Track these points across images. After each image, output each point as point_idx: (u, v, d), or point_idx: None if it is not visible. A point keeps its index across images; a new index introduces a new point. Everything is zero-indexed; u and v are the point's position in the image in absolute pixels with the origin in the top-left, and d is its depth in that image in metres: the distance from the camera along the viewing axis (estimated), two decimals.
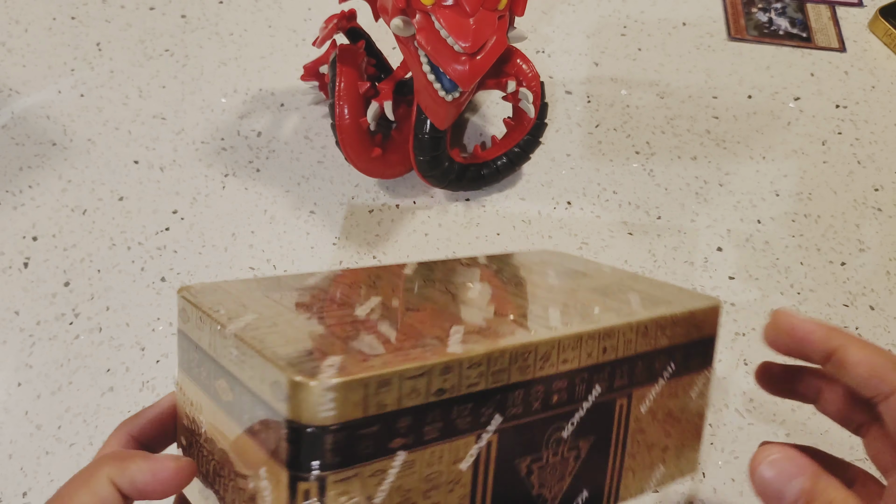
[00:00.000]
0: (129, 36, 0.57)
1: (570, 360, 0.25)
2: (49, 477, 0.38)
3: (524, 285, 0.30)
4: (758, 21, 0.62)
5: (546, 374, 0.24)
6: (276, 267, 0.46)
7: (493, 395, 0.23)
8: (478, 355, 0.22)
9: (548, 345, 0.24)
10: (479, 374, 0.22)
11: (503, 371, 0.23)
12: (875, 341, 0.45)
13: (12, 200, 0.48)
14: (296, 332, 0.23)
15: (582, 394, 0.25)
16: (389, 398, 0.20)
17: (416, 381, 0.21)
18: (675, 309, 0.28)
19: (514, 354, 0.23)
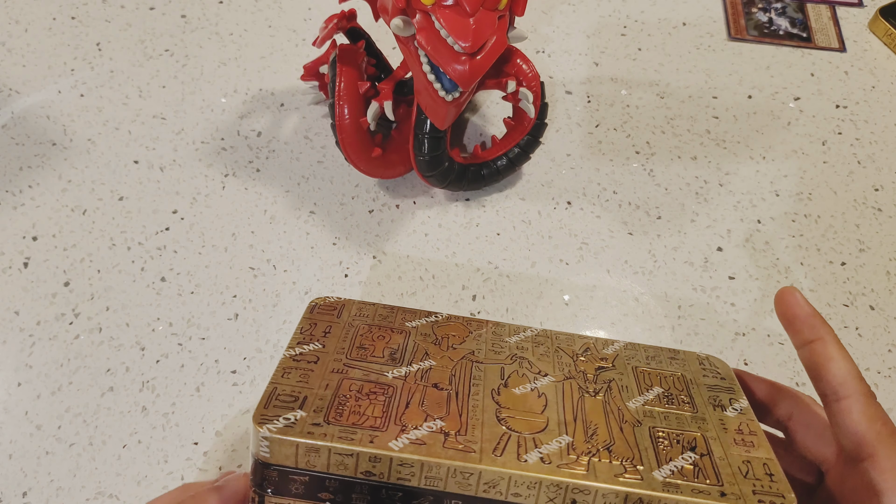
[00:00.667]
0: (129, 36, 0.57)
1: (522, 497, 0.25)
2: (49, 477, 0.38)
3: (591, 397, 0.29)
4: (758, 21, 0.62)
5: (491, 497, 0.25)
6: (276, 267, 0.46)
7: (425, 493, 0.25)
8: (410, 459, 0.24)
9: (494, 475, 0.24)
10: (409, 473, 0.25)
11: (439, 479, 0.25)
12: (875, 341, 0.45)
13: (12, 200, 0.48)
14: (319, 374, 0.28)
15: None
16: (318, 463, 0.25)
17: (345, 459, 0.24)
18: (698, 498, 0.24)
19: (452, 470, 0.24)
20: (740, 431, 0.28)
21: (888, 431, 0.26)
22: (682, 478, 0.25)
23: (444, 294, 0.45)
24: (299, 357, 0.29)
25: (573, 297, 0.46)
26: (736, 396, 0.30)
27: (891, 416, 0.42)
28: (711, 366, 0.33)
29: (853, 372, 0.27)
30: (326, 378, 0.28)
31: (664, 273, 0.47)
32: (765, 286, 0.47)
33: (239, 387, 0.42)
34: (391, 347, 0.30)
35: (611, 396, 0.29)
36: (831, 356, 0.27)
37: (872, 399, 0.27)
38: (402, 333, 0.32)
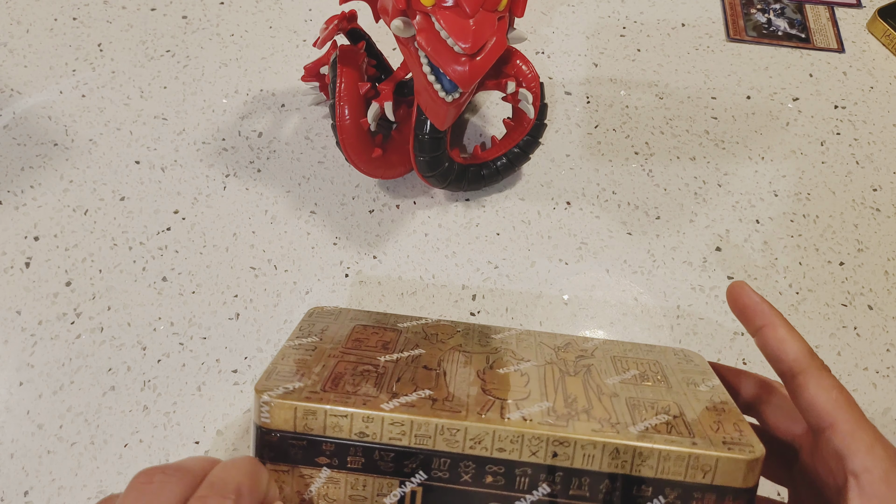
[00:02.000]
0: (131, 37, 0.57)
1: (507, 451, 0.26)
2: (50, 476, 0.39)
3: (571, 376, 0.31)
4: (756, 22, 0.62)
5: (477, 454, 0.26)
6: (277, 267, 0.46)
7: (415, 453, 0.26)
8: (400, 418, 0.26)
9: (479, 430, 0.26)
10: (400, 433, 0.26)
11: (427, 437, 0.26)
12: (873, 341, 0.45)
13: (14, 200, 0.48)
14: (316, 357, 0.30)
15: (523, 486, 0.26)
16: (315, 426, 0.26)
17: (340, 420, 0.26)
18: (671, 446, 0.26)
19: (440, 427, 0.26)
20: (712, 401, 0.30)
21: (844, 399, 0.27)
22: (656, 432, 0.27)
23: (444, 294, 0.46)
24: (298, 346, 0.31)
25: (572, 297, 0.46)
26: (708, 377, 0.32)
27: (889, 416, 0.42)
28: (685, 356, 0.34)
29: (805, 349, 0.28)
30: (323, 361, 0.30)
31: (663, 273, 0.47)
32: (763, 286, 0.47)
33: (240, 386, 0.42)
34: (384, 340, 0.32)
35: (590, 376, 0.31)
36: (783, 338, 0.29)
37: (826, 371, 0.28)
38: (395, 331, 0.33)
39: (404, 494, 0.27)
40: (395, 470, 0.27)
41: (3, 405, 0.41)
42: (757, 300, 0.30)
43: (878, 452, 0.25)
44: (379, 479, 0.27)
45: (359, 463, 0.27)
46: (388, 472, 0.27)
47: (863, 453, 0.25)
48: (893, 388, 0.43)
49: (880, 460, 0.25)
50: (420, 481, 0.27)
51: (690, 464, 0.26)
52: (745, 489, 0.26)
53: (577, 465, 0.26)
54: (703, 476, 0.26)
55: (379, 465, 0.27)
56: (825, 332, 0.45)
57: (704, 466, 0.26)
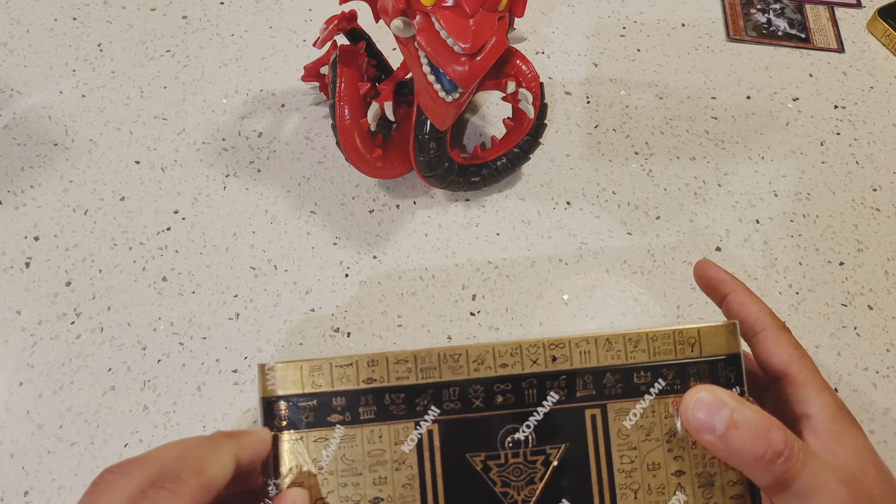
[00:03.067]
0: (131, 37, 0.57)
1: (510, 365, 0.27)
2: (50, 476, 0.39)
3: None
4: (756, 22, 0.62)
5: (483, 375, 0.27)
6: (277, 267, 0.46)
7: (424, 388, 0.27)
8: (403, 353, 0.27)
9: (480, 350, 0.27)
10: (406, 370, 0.27)
11: (433, 369, 0.27)
12: (873, 341, 0.45)
13: (14, 200, 0.48)
14: None
15: (533, 399, 0.27)
16: (323, 381, 0.27)
17: (346, 370, 0.27)
18: (656, 328, 0.28)
19: (442, 355, 0.27)
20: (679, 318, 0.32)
21: (798, 354, 0.29)
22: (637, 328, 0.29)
23: (443, 294, 0.46)
24: None
25: (572, 297, 0.46)
26: None
27: (889, 416, 0.42)
28: None
29: (765, 310, 0.31)
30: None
31: (663, 273, 0.47)
32: (763, 286, 0.47)
33: (240, 386, 0.42)
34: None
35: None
36: (744, 301, 0.31)
37: (784, 330, 0.30)
38: None
39: (421, 436, 0.27)
40: (408, 411, 0.27)
41: (3, 405, 0.41)
42: (721, 273, 0.33)
43: (825, 398, 0.28)
44: (394, 424, 0.27)
45: (371, 412, 0.27)
46: (401, 416, 0.27)
47: (812, 398, 0.28)
48: (893, 388, 0.43)
49: (828, 404, 0.28)
50: (434, 417, 0.27)
51: (677, 339, 0.28)
52: (731, 355, 0.28)
53: (576, 364, 0.27)
54: (692, 349, 0.28)
55: (391, 409, 0.27)
56: (825, 332, 0.45)
57: (689, 339, 0.28)
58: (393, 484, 0.27)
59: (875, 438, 0.41)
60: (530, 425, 0.27)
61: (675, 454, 0.27)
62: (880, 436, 0.42)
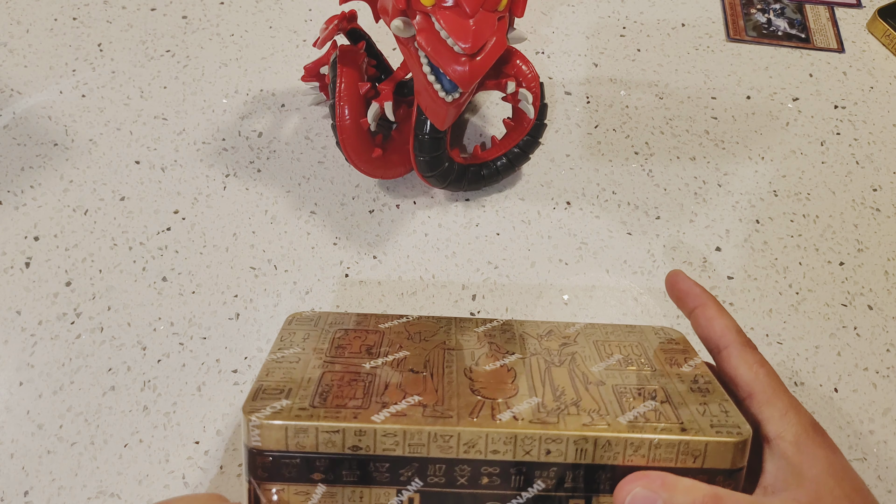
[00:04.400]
0: (131, 37, 0.57)
1: (500, 453, 0.26)
2: (50, 476, 0.39)
3: (557, 367, 0.31)
4: (756, 22, 0.62)
5: (471, 457, 0.26)
6: (277, 267, 0.46)
7: (410, 461, 0.26)
8: (393, 429, 0.26)
9: (472, 435, 0.26)
10: (394, 443, 0.26)
11: (421, 445, 0.26)
12: (873, 341, 0.45)
13: (14, 200, 0.48)
14: (301, 370, 0.29)
15: (519, 484, 0.27)
16: (307, 443, 0.26)
17: (332, 436, 0.26)
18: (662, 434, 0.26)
19: (433, 435, 0.26)
20: (696, 382, 0.30)
21: (764, 372, 0.29)
22: (644, 420, 0.27)
23: (443, 294, 0.46)
24: (281, 359, 0.31)
25: (572, 297, 0.46)
26: (690, 355, 0.33)
27: (889, 416, 0.42)
28: (666, 334, 0.35)
29: (732, 326, 0.30)
30: (309, 373, 0.29)
31: (663, 273, 0.47)
32: (763, 286, 0.47)
33: (240, 386, 0.42)
34: (367, 344, 0.32)
35: (575, 365, 0.31)
36: (711, 316, 0.31)
37: (749, 347, 0.30)
38: (377, 333, 0.33)
39: (402, 502, 0.27)
40: (392, 479, 0.27)
41: (3, 405, 0.41)
42: (691, 285, 0.32)
43: (790, 419, 0.27)
44: (376, 489, 0.27)
45: (354, 476, 0.27)
46: (384, 482, 0.27)
47: (776, 420, 0.27)
48: (893, 388, 0.43)
49: (792, 426, 0.27)
50: (417, 488, 0.27)
51: (681, 450, 0.26)
52: (734, 470, 0.27)
53: (570, 459, 0.26)
54: (694, 461, 0.26)
55: (374, 475, 0.27)
56: (825, 332, 0.45)
57: (694, 451, 0.26)
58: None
59: (875, 438, 0.41)
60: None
61: None
62: (880, 436, 0.42)
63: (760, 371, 0.29)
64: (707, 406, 0.28)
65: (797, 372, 0.44)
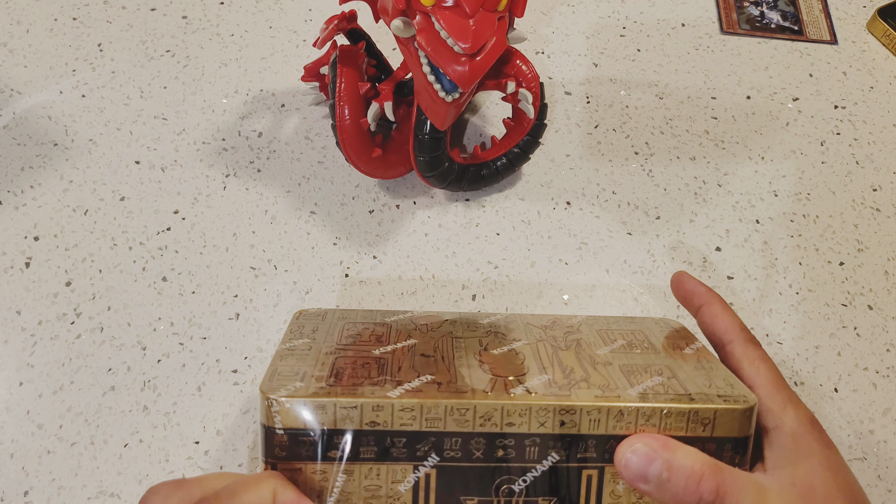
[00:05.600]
0: (131, 37, 0.57)
1: (516, 425, 0.27)
2: (50, 476, 0.39)
3: (563, 350, 0.32)
4: (749, 15, 0.62)
5: (487, 430, 0.27)
6: (277, 267, 0.46)
7: (427, 436, 0.27)
8: (409, 403, 0.26)
9: (488, 408, 0.27)
10: (411, 418, 0.27)
11: (437, 420, 0.27)
12: (873, 341, 0.45)
13: (14, 200, 0.48)
14: (314, 356, 0.30)
15: (534, 456, 0.27)
16: (326, 420, 0.26)
17: (350, 412, 0.26)
18: (671, 403, 0.27)
19: (450, 409, 0.27)
20: (699, 361, 0.31)
21: (766, 367, 0.30)
22: (654, 392, 0.28)
23: (444, 294, 0.46)
24: (293, 348, 0.31)
25: (572, 297, 0.46)
26: (691, 341, 0.33)
27: (889, 416, 0.42)
28: (666, 324, 0.36)
29: (736, 323, 0.31)
30: (321, 359, 0.30)
31: (663, 273, 0.47)
32: (763, 286, 0.47)
33: (240, 386, 0.42)
34: (376, 335, 0.33)
35: (581, 349, 0.32)
36: (716, 313, 0.32)
37: (752, 343, 0.31)
38: (384, 325, 0.34)
39: (418, 479, 0.27)
40: (408, 455, 0.27)
41: (3, 405, 0.41)
42: (696, 284, 0.33)
43: (789, 412, 0.28)
44: (392, 465, 0.27)
45: (372, 452, 0.27)
46: (401, 458, 0.27)
47: (775, 413, 0.28)
48: (893, 388, 0.43)
49: (790, 419, 0.28)
50: (433, 463, 0.27)
51: (691, 418, 0.27)
52: (741, 438, 0.27)
53: (583, 430, 0.27)
54: (703, 429, 0.27)
55: (391, 452, 0.27)
56: (825, 332, 0.45)
57: (704, 420, 0.27)
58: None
59: (875, 438, 0.41)
60: (527, 480, 0.27)
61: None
62: (880, 436, 0.42)
63: (762, 366, 0.29)
64: (712, 381, 0.29)
65: (797, 372, 0.44)
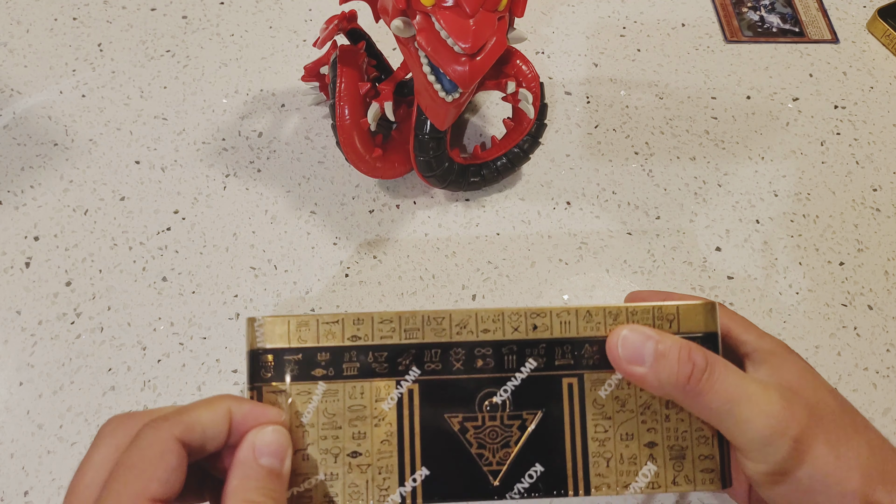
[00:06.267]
0: (131, 37, 0.57)
1: (492, 331, 0.28)
2: (50, 476, 0.39)
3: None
4: (750, 20, 0.62)
5: (464, 339, 0.28)
6: (277, 267, 0.46)
7: (407, 348, 0.28)
8: (387, 313, 0.28)
9: (463, 315, 0.28)
10: (390, 330, 0.28)
11: (416, 330, 0.28)
12: (873, 341, 0.45)
13: (14, 200, 0.48)
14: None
15: (512, 364, 0.28)
16: (309, 337, 0.28)
17: (331, 327, 0.28)
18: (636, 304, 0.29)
19: (427, 318, 0.28)
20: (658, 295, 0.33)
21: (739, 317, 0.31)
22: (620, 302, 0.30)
23: (444, 294, 0.46)
24: None
25: (572, 297, 0.46)
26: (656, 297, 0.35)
27: (889, 416, 0.42)
28: None
29: None
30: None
31: (663, 273, 0.47)
32: (763, 286, 0.47)
33: (240, 386, 0.42)
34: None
35: None
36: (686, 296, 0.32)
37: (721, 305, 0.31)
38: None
39: (401, 395, 0.28)
40: (390, 370, 0.28)
41: (3, 405, 0.41)
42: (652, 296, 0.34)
43: (766, 340, 0.30)
44: (376, 382, 0.28)
45: (354, 369, 0.28)
46: (383, 374, 0.28)
47: (752, 341, 0.30)
48: (893, 388, 0.43)
49: (768, 343, 0.29)
50: (415, 377, 0.28)
51: (656, 315, 0.29)
52: (709, 334, 0.29)
53: (555, 334, 0.28)
54: (669, 325, 0.29)
55: (374, 367, 0.28)
56: (825, 332, 0.45)
57: (668, 316, 0.29)
58: (371, 439, 0.28)
59: None
60: (508, 390, 0.28)
61: (648, 426, 0.29)
62: None
63: (735, 315, 0.31)
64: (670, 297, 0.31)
65: None
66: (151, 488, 0.22)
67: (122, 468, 0.23)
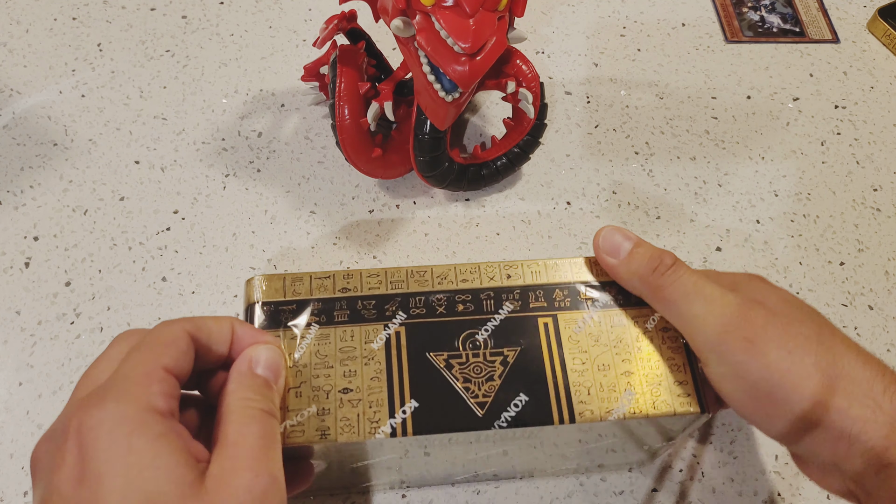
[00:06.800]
0: (130, 37, 0.57)
1: (470, 281, 0.32)
2: None
3: None
4: (751, 21, 0.62)
5: (445, 288, 0.31)
6: (277, 267, 0.46)
7: (393, 297, 0.31)
8: (375, 269, 0.32)
9: (443, 269, 0.32)
10: (378, 282, 0.31)
11: (401, 282, 0.31)
12: (874, 341, 0.45)
13: (13, 200, 0.48)
14: None
15: (491, 308, 0.31)
16: (303, 290, 0.31)
17: (323, 281, 0.31)
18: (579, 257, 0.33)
19: (410, 272, 0.32)
20: None
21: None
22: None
23: None
24: None
25: None
26: None
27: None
28: None
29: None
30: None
31: None
32: None
33: None
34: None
35: None
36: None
37: None
38: None
39: (389, 336, 0.30)
40: (378, 315, 0.31)
41: (3, 405, 0.41)
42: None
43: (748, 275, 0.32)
44: (365, 326, 0.30)
45: (345, 315, 0.30)
46: (371, 319, 0.30)
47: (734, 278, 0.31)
48: None
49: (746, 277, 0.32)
50: (401, 321, 0.30)
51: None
52: None
53: (528, 281, 0.32)
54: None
55: (363, 313, 0.31)
56: None
57: None
58: (362, 376, 0.29)
59: None
60: (488, 329, 0.31)
61: (622, 357, 0.31)
62: None
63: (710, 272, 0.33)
64: None
65: None
66: (164, 360, 0.25)
67: (136, 349, 0.25)
